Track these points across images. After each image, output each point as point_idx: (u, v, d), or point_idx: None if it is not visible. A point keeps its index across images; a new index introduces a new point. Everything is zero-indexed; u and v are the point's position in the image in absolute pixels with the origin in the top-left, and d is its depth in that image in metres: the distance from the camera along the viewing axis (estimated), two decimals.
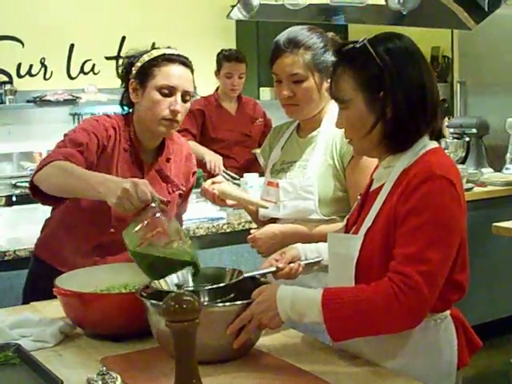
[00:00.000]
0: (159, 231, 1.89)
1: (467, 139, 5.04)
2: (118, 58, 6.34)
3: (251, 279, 1.92)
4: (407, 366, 1.72)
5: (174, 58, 2.35)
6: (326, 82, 2.20)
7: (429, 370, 1.73)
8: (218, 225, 3.59)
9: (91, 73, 6.37)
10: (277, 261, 1.99)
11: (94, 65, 6.35)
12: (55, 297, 2.01)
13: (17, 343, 1.83)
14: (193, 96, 2.40)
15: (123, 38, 6.38)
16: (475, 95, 5.70)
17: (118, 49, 6.35)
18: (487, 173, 4.94)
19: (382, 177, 1.80)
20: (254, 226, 2.53)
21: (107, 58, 6.34)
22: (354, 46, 1.75)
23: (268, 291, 1.75)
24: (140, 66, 2.35)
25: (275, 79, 2.28)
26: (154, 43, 2.44)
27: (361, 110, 1.74)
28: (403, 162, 1.74)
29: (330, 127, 2.18)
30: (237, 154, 4.65)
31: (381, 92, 1.71)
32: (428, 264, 1.62)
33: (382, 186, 1.77)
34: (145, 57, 2.36)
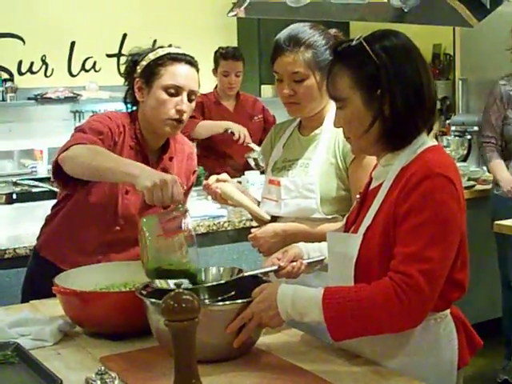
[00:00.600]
0: (178, 235, 1.87)
1: (469, 137, 5.03)
2: (119, 55, 6.35)
3: (252, 278, 1.92)
4: (407, 365, 1.71)
5: (180, 58, 2.34)
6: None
7: (429, 369, 1.72)
8: (218, 222, 3.59)
9: (92, 70, 6.37)
10: (279, 259, 1.98)
11: (95, 62, 6.35)
12: (55, 295, 2.01)
13: (16, 342, 1.82)
14: (198, 95, 2.39)
15: (124, 36, 6.38)
16: (477, 93, 5.69)
17: (119, 46, 6.35)
18: None
19: (380, 175, 1.80)
20: (254, 223, 2.52)
21: (108, 56, 6.34)
22: (350, 44, 1.74)
23: (268, 290, 1.74)
24: (145, 64, 2.34)
25: (276, 78, 2.27)
26: (155, 41, 2.43)
27: (358, 108, 1.73)
28: (402, 160, 1.73)
29: (332, 125, 2.17)
30: (235, 151, 4.64)
31: (378, 90, 1.70)
32: (429, 263, 1.61)
33: (380, 185, 1.77)
34: (150, 55, 2.34)
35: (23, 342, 1.86)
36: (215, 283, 1.83)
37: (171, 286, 1.79)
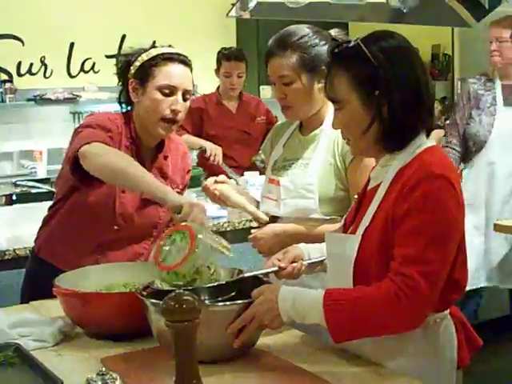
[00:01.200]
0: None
1: None
2: (118, 56, 6.32)
3: (253, 278, 1.91)
4: (407, 365, 1.71)
5: (174, 57, 2.34)
6: (318, 82, 2.20)
7: (429, 369, 1.72)
8: (218, 223, 3.59)
9: (91, 71, 6.37)
10: (279, 260, 1.98)
11: (94, 63, 6.35)
12: (55, 296, 2.01)
13: (16, 343, 1.82)
14: (193, 94, 2.39)
15: (123, 37, 6.38)
16: None
17: (119, 47, 6.34)
18: None
19: (378, 176, 1.80)
20: (254, 224, 2.53)
21: (107, 57, 6.33)
22: (346, 46, 1.74)
23: (269, 292, 1.74)
24: (139, 65, 2.35)
25: (270, 81, 2.29)
26: (154, 41, 2.43)
27: (357, 110, 1.73)
28: (400, 160, 1.73)
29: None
30: (237, 152, 4.64)
31: (376, 91, 1.70)
32: (429, 264, 1.61)
33: (378, 185, 1.77)
34: (143, 56, 2.35)
35: (24, 342, 1.85)
36: (215, 284, 1.83)
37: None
